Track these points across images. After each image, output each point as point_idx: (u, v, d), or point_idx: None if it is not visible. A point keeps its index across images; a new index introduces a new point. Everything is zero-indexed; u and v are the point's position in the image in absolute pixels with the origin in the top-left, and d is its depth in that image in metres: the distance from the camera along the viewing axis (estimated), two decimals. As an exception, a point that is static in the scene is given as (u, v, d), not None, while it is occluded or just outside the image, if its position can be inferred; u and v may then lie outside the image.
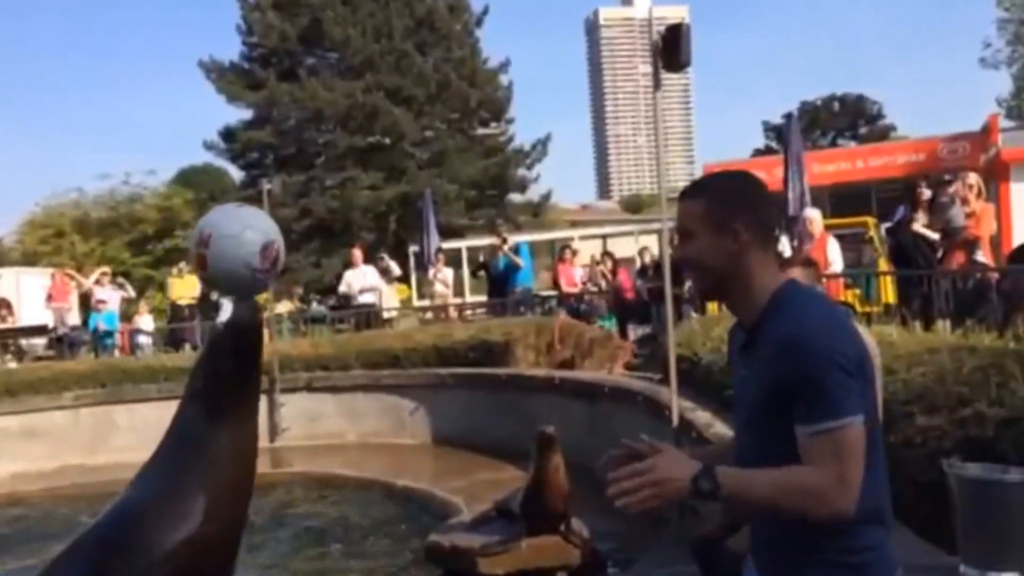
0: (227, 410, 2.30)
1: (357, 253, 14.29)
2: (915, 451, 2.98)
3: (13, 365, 12.27)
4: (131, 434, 9.71)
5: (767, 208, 1.82)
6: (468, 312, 14.96)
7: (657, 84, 5.08)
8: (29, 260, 30.85)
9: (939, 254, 7.39)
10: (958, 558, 2.21)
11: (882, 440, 1.75)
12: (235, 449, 2.31)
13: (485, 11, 32.68)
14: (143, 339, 13.66)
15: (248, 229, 2.29)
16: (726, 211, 1.75)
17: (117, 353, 12.86)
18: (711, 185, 1.85)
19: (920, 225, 7.44)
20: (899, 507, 2.99)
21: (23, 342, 14.02)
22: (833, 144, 40.60)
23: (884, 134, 42.00)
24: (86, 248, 33.30)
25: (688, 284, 9.00)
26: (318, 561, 6.49)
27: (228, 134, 31.42)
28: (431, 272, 13.78)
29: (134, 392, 10.21)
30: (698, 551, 2.13)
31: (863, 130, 44.10)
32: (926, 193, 7.53)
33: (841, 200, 17.73)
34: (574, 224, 36.87)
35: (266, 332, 11.48)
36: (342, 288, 13.89)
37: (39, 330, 13.91)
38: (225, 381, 2.30)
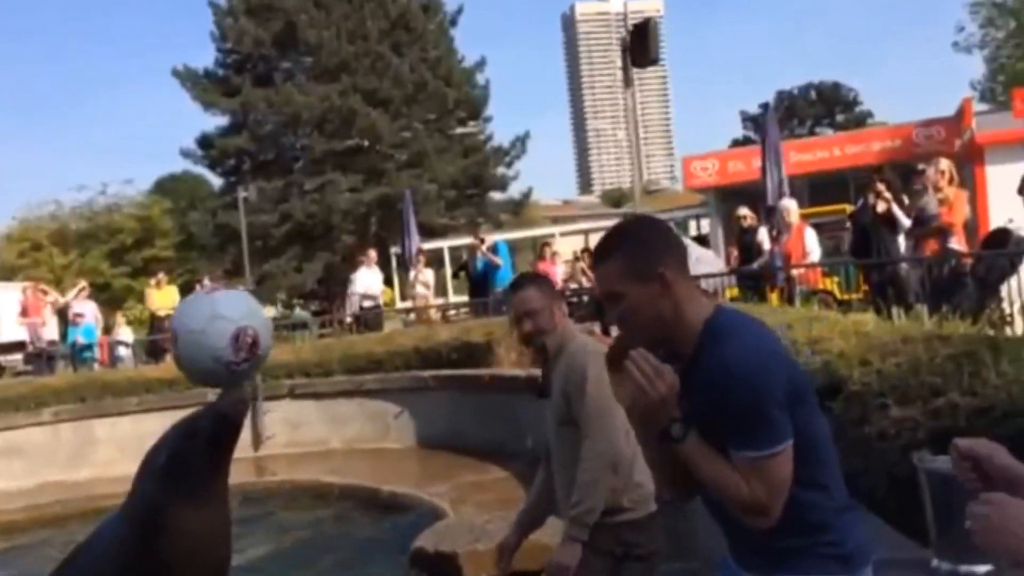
0: (191, 492, 2.17)
1: (373, 254, 14.49)
2: (890, 443, 2.97)
3: (-9, 382, 12.16)
4: (112, 448, 9.64)
5: (678, 243, 1.88)
6: (452, 312, 14.94)
7: (628, 81, 5.07)
8: (7, 274, 30.61)
9: (901, 239, 7.46)
10: (931, 551, 2.19)
11: (829, 433, 1.82)
12: (197, 533, 2.19)
13: (459, 10, 32.74)
14: (123, 351, 13.54)
15: (216, 319, 2.10)
16: (644, 259, 1.76)
17: (97, 366, 12.75)
18: (620, 240, 1.84)
19: (881, 208, 7.48)
20: (874, 500, 2.99)
21: (4, 358, 13.91)
22: (811, 132, 40.84)
23: (861, 121, 42.32)
24: (64, 260, 33.09)
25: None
26: (303, 570, 6.44)
27: (205, 141, 31.27)
28: (411, 274, 13.75)
29: (115, 405, 10.11)
30: None
31: (840, 117, 44.38)
32: (879, 185, 7.59)
33: (819, 188, 17.85)
34: (555, 220, 36.96)
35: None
36: (358, 288, 13.89)
37: (16, 346, 13.76)
38: (192, 465, 2.18)
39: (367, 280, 13.89)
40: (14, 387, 10.74)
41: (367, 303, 13.70)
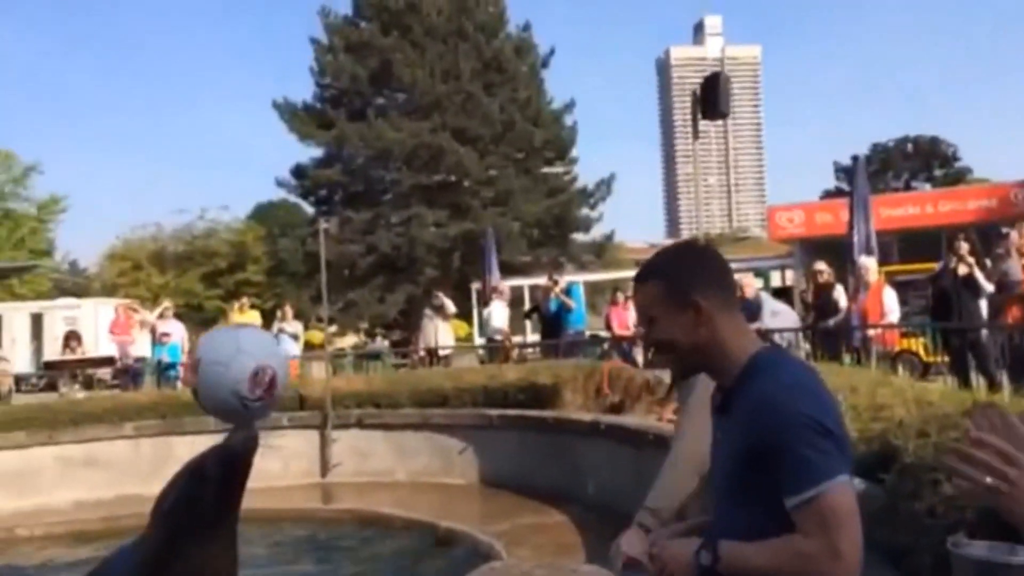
0: (200, 533, 2.22)
1: (505, 288, 14.81)
2: (938, 520, 2.87)
3: (81, 395, 12.69)
4: (187, 466, 9.92)
5: (721, 272, 1.82)
6: (528, 351, 14.96)
7: (695, 133, 5.07)
8: (109, 291, 32.03)
9: (983, 304, 7.19)
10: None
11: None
12: (205, 572, 2.23)
13: (552, 52, 33.17)
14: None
15: (239, 354, 2.13)
16: (681, 287, 1.74)
17: (180, 385, 13.17)
18: (660, 264, 1.84)
19: (963, 271, 7.23)
20: (920, 579, 2.89)
21: (95, 372, 14.51)
22: (907, 187, 39.77)
23: (960, 177, 40.95)
24: (162, 281, 34.42)
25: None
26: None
27: (299, 171, 32.28)
28: (485, 312, 13.84)
29: (193, 424, 10.38)
30: None
31: (938, 173, 43.04)
32: (963, 247, 7.33)
33: (910, 245, 17.34)
34: (640, 263, 36.75)
35: (322, 367, 11.55)
36: (493, 323, 14.07)
37: (106, 361, 14.39)
38: (200, 507, 2.22)
39: (499, 314, 13.96)
40: (100, 401, 11.18)
41: (497, 337, 13.79)
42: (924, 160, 43.15)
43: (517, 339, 17.41)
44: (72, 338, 14.93)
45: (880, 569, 2.98)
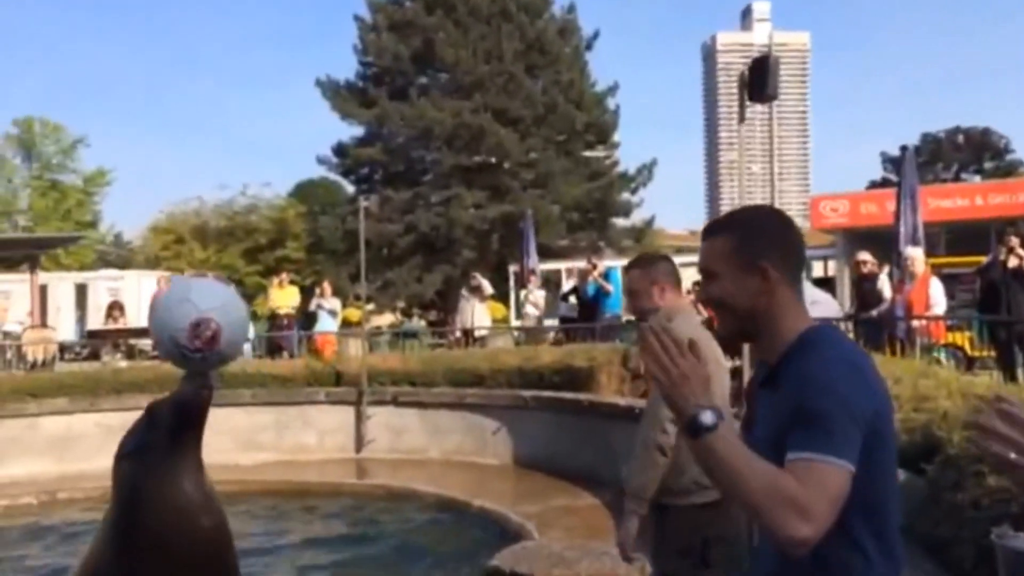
0: (161, 473, 2.26)
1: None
2: (981, 512, 2.82)
3: (123, 364, 12.90)
4: (225, 437, 10.01)
5: (795, 245, 1.74)
6: (562, 335, 14.92)
7: (742, 117, 4.99)
8: (151, 264, 32.52)
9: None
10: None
11: (896, 495, 1.65)
12: (173, 507, 2.28)
13: (596, 35, 32.91)
14: (244, 345, 14.14)
15: (184, 303, 2.15)
16: (753, 248, 1.67)
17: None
18: (735, 221, 1.78)
19: (1013, 263, 7.06)
20: (961, 570, 2.84)
21: (136, 342, 14.77)
22: (956, 178, 38.96)
23: (1012, 169, 39.97)
24: (203, 255, 34.81)
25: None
26: (378, 572, 6.60)
27: (340, 150, 32.42)
28: (523, 294, 13.84)
29: (230, 396, 10.51)
30: None
31: (989, 165, 42.07)
32: (1014, 240, 7.14)
33: (958, 237, 17.00)
34: (680, 250, 36.52)
35: (359, 344, 11.62)
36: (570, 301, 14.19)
37: (147, 332, 14.63)
38: (153, 452, 2.26)
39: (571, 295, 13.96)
40: (141, 371, 11.36)
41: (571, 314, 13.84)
42: (975, 152, 42.19)
43: (550, 322, 17.37)
44: (115, 308, 15.20)
45: (921, 561, 2.93)
